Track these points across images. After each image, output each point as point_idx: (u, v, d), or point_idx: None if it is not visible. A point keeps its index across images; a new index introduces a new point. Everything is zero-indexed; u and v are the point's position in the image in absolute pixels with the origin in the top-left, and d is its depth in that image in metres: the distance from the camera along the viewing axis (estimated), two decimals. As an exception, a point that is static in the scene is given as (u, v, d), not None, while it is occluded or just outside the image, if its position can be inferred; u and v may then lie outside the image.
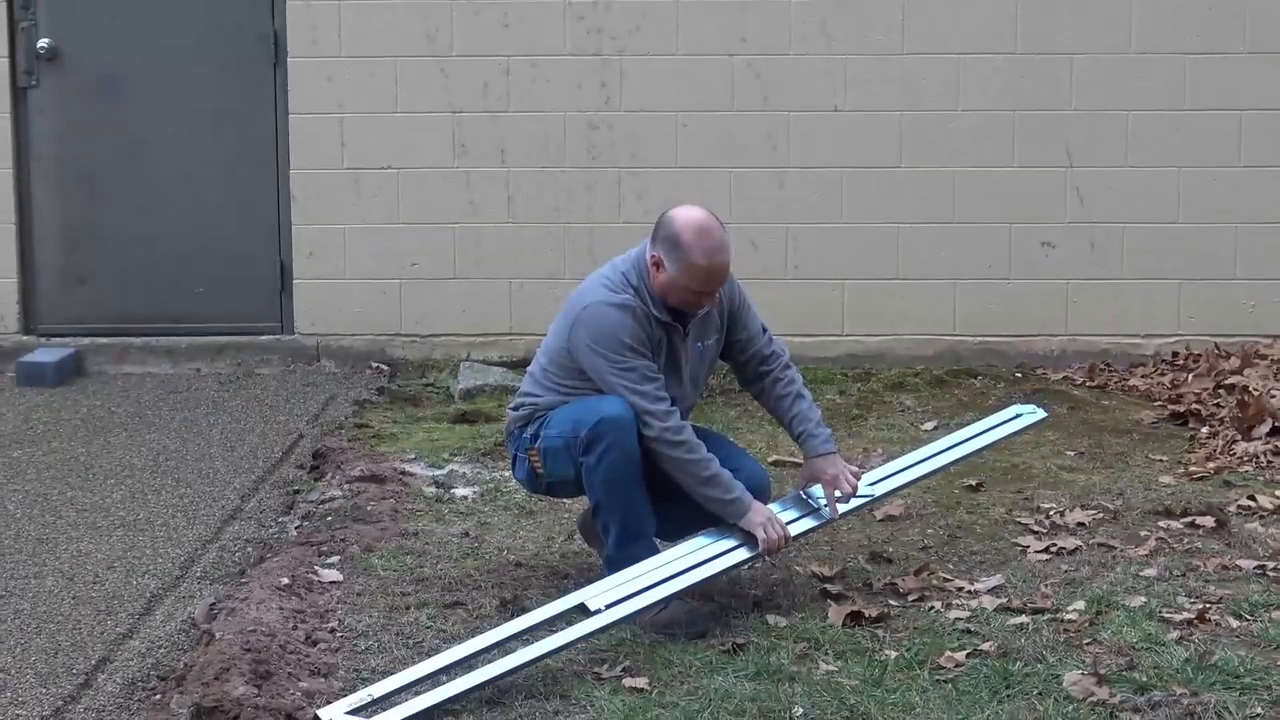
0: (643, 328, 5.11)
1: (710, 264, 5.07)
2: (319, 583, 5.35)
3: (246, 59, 8.48)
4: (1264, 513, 6.07)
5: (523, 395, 5.34)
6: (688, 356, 5.28)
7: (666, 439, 5.05)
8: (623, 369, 5.08)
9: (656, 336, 5.16)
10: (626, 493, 5.10)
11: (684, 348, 5.25)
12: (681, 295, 5.12)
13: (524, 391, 5.34)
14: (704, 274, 5.07)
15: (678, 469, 5.08)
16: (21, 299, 8.54)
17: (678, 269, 5.06)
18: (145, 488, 6.60)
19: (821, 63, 8.22)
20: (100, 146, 8.54)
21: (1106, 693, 4.55)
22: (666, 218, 5.14)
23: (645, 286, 5.15)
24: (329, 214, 8.38)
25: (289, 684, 4.53)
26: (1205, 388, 7.60)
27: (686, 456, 5.07)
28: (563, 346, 5.19)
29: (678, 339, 5.22)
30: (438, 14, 8.30)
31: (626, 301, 5.11)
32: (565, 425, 5.14)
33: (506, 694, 4.57)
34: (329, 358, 8.48)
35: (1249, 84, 8.22)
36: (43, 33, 8.42)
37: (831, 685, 4.63)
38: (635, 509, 5.13)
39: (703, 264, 5.05)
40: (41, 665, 4.87)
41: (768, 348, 5.46)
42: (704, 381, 5.53)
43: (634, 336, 5.09)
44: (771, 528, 5.09)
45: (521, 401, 5.32)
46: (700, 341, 5.30)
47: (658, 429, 5.04)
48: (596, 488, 5.11)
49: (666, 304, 5.14)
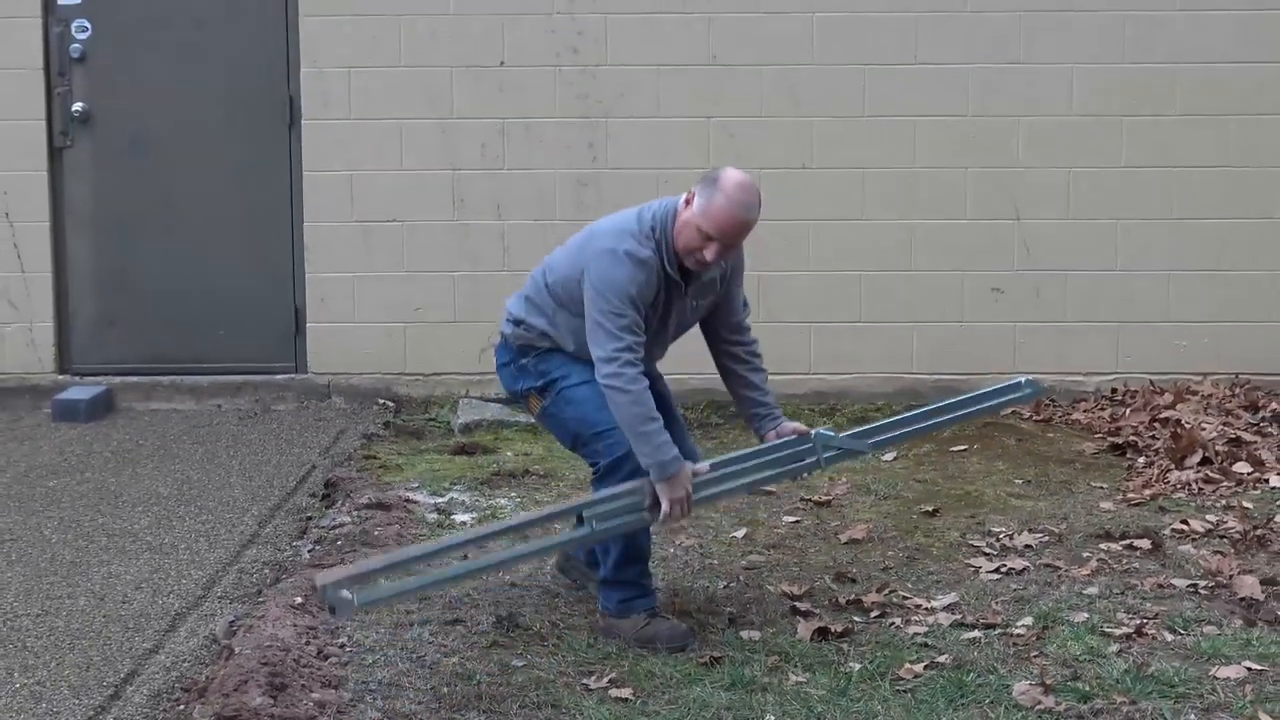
0: (653, 282, 4.97)
1: (734, 213, 4.89)
2: (330, 602, 5.35)
3: (264, 121, 8.50)
4: (1195, 536, 6.08)
5: (523, 314, 5.21)
6: (680, 311, 5.14)
7: (619, 385, 4.89)
8: (613, 313, 4.91)
9: (659, 289, 5.02)
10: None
11: (680, 303, 5.11)
12: (691, 237, 4.92)
13: (523, 312, 5.21)
14: (723, 221, 4.89)
15: (620, 413, 4.93)
16: (57, 341, 8.53)
17: (704, 206, 4.88)
18: (170, 514, 6.59)
19: (790, 125, 8.26)
20: (129, 201, 8.55)
21: (1053, 701, 4.55)
22: (719, 170, 4.98)
23: (667, 239, 4.98)
24: (339, 263, 8.39)
25: (302, 695, 4.52)
26: (1141, 421, 7.62)
27: (632, 407, 4.89)
28: (574, 276, 5.05)
29: (677, 294, 5.08)
30: (439, 80, 8.32)
31: (647, 259, 4.95)
32: (579, 415, 5.09)
33: (502, 703, 4.57)
34: (339, 395, 8.48)
35: (1179, 145, 8.26)
36: (77, 97, 8.43)
37: (800, 695, 4.63)
38: (638, 537, 5.10)
39: (726, 210, 4.88)
40: (74, 678, 4.86)
41: (744, 320, 5.35)
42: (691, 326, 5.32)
43: (640, 292, 4.94)
44: (680, 506, 4.93)
45: (522, 319, 5.20)
46: (697, 301, 5.17)
47: (613, 371, 4.90)
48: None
49: (677, 252, 4.97)
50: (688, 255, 4.97)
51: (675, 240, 4.98)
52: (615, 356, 4.91)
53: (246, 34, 8.47)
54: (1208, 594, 5.44)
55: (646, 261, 4.96)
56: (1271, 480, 6.74)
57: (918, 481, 6.95)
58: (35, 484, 7.03)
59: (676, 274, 5.03)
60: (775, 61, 8.26)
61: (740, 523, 6.31)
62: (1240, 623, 5.16)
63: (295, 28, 8.37)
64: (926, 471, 7.12)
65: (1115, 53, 8.23)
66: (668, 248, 4.99)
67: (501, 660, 4.89)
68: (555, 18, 8.28)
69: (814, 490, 6.76)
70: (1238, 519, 6.24)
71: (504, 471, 7.02)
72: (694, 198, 4.93)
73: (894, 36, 8.25)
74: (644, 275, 4.95)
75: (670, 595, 5.45)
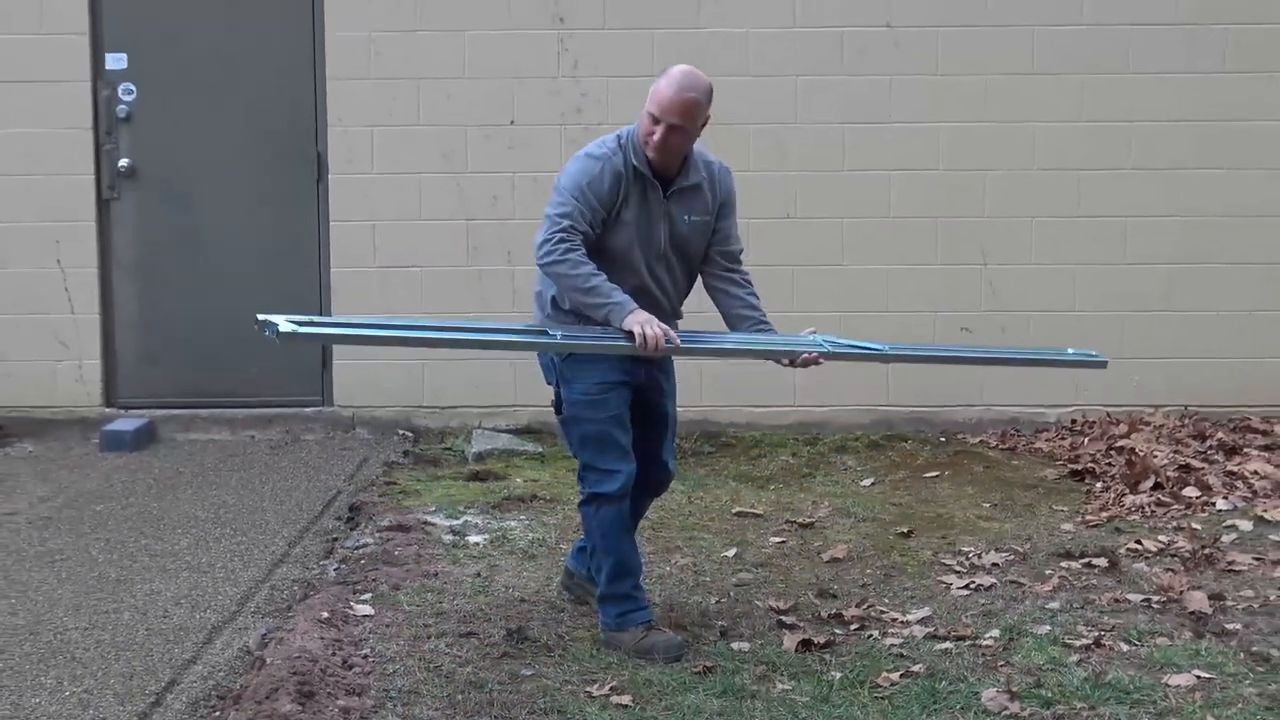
0: (608, 177, 4.91)
1: (674, 93, 4.87)
2: (354, 616, 5.34)
3: (294, 176, 8.51)
4: (1149, 554, 6.08)
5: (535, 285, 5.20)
6: (670, 220, 5.04)
7: (553, 259, 4.84)
8: (557, 203, 4.89)
9: (628, 185, 4.95)
10: (618, 541, 5.10)
11: (664, 207, 5.01)
12: (644, 126, 4.91)
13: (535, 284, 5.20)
14: (665, 100, 4.86)
15: (561, 284, 4.90)
16: (104, 377, 8.53)
17: (650, 94, 4.90)
18: (208, 536, 6.58)
19: (776, 178, 8.26)
20: (170, 249, 8.56)
21: (1018, 707, 4.55)
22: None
23: (633, 142, 4.96)
24: (363, 305, 8.38)
25: (328, 702, 4.52)
26: (1099, 450, 7.62)
27: (567, 272, 4.84)
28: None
29: (654, 195, 4.99)
30: (454, 138, 8.34)
31: (596, 152, 4.95)
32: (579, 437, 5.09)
33: (512, 709, 4.56)
34: (363, 426, 8.47)
35: (1132, 194, 8.28)
36: (123, 154, 8.45)
37: (786, 702, 4.63)
38: (625, 555, 5.11)
39: (666, 90, 4.88)
40: (119, 687, 4.85)
41: (738, 252, 5.26)
42: (695, 258, 5.19)
43: (591, 185, 4.89)
44: (649, 327, 4.81)
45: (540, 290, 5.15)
46: (688, 215, 5.07)
47: (546, 250, 4.86)
48: (593, 533, 5.13)
49: (646, 152, 4.93)
50: (648, 146, 4.94)
51: (639, 139, 4.96)
52: (549, 237, 4.86)
53: (278, 96, 8.49)
54: (1160, 608, 5.44)
55: (599, 156, 4.94)
56: (1218, 503, 6.74)
57: (893, 505, 6.95)
58: (84, 508, 7.03)
59: (647, 170, 4.96)
60: (763, 121, 8.27)
61: (730, 543, 6.31)
62: (1190, 635, 5.16)
63: (323, 90, 8.39)
64: (901, 496, 7.12)
65: (1074, 112, 8.25)
66: (635, 149, 4.96)
67: (512, 670, 4.88)
68: (560, 80, 8.31)
69: (798, 513, 6.76)
70: (1187, 539, 6.23)
71: (514, 496, 7.02)
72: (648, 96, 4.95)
73: (871, 98, 8.27)
74: (596, 167, 4.92)
75: (666, 609, 5.44)
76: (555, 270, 4.88)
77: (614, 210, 4.97)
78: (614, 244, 5.00)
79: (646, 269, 5.05)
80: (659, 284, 5.10)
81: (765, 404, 8.35)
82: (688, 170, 5.07)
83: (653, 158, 4.97)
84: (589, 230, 4.91)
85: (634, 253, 5.02)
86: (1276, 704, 4.58)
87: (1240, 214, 8.30)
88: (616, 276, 4.96)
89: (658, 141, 4.92)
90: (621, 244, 5.01)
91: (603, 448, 5.06)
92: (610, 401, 5.06)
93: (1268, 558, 6.00)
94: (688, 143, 5.02)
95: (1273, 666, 4.88)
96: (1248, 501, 6.77)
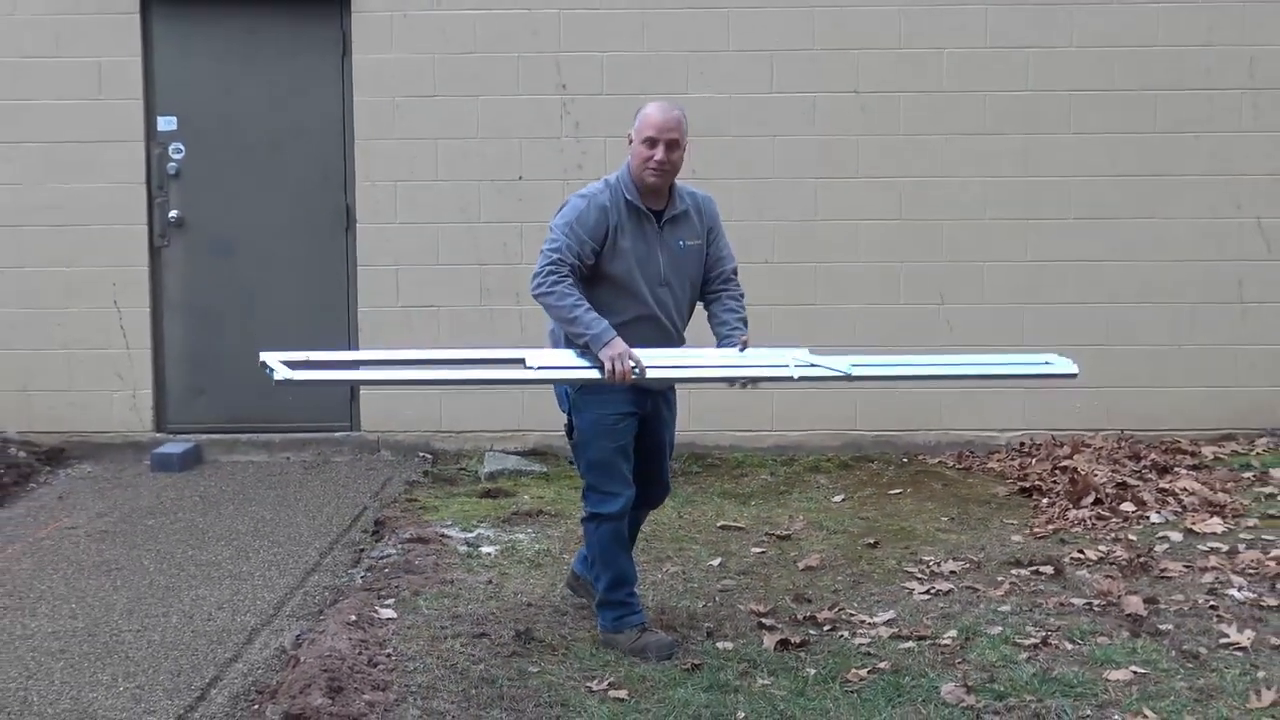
0: (594, 211, 4.87)
1: (659, 116, 4.88)
2: (378, 619, 5.34)
3: (326, 225, 8.53)
4: (1090, 563, 6.08)
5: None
6: (666, 248, 4.99)
7: (543, 291, 4.82)
8: (551, 238, 4.87)
9: (621, 216, 4.91)
10: (616, 555, 5.10)
11: (660, 237, 4.97)
12: (638, 154, 4.89)
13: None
14: (653, 121, 4.86)
15: (550, 313, 4.88)
16: (155, 405, 8.53)
17: (636, 126, 4.89)
18: (247, 548, 6.58)
19: (755, 227, 8.27)
20: (215, 291, 8.57)
21: (974, 699, 4.55)
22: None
23: (623, 178, 4.94)
24: (387, 341, 8.36)
25: (355, 696, 4.51)
26: (1045, 469, 7.62)
27: (555, 303, 4.82)
28: None
29: (649, 226, 4.96)
30: (468, 192, 8.36)
31: (584, 191, 4.95)
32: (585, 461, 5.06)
33: (520, 702, 4.56)
34: (387, 449, 8.47)
35: (1073, 241, 8.30)
36: (172, 206, 8.47)
37: (766, 696, 4.63)
38: (622, 566, 5.12)
39: (653, 114, 4.88)
40: (168, 682, 4.85)
41: (732, 270, 5.20)
42: (694, 283, 5.13)
43: (579, 220, 4.86)
44: (619, 362, 4.74)
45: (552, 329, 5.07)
46: (681, 240, 5.02)
47: (537, 284, 4.84)
48: (594, 547, 5.12)
49: (637, 183, 4.92)
50: (645, 172, 4.90)
51: (632, 174, 4.93)
52: (540, 270, 4.84)
53: (312, 154, 8.51)
54: (1100, 611, 5.44)
55: (586, 194, 4.92)
56: (1152, 517, 6.74)
57: (861, 519, 6.95)
58: (137, 523, 7.03)
59: (639, 200, 4.93)
60: (743, 176, 8.30)
61: (716, 553, 6.31)
62: (1127, 634, 5.17)
63: (351, 149, 8.42)
64: (868, 511, 7.12)
65: (1021, 168, 8.28)
66: (625, 184, 4.94)
67: (520, 667, 4.88)
68: (563, 140, 8.33)
69: (776, 526, 6.76)
70: (1124, 549, 6.24)
71: (521, 512, 7.02)
72: (630, 136, 4.95)
73: (840, 156, 8.30)
74: (583, 204, 4.89)
75: (658, 613, 5.44)
76: (545, 300, 4.86)
77: (606, 240, 4.91)
78: (616, 271, 4.95)
79: (650, 294, 4.99)
80: (662, 308, 5.03)
81: (746, 429, 8.36)
82: (674, 200, 5.04)
83: (654, 181, 4.93)
84: (577, 262, 4.86)
85: (635, 279, 4.96)
86: (1205, 696, 4.58)
87: (1167, 259, 8.32)
88: (622, 304, 4.94)
89: (659, 160, 4.88)
90: (622, 271, 4.95)
91: (608, 473, 5.05)
92: (619, 431, 5.04)
93: (1196, 565, 6.00)
94: (681, 158, 4.99)
95: (1201, 663, 4.88)
96: (1178, 515, 6.77)
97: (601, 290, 4.94)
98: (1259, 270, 8.36)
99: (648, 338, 4.94)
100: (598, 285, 4.94)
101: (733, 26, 8.30)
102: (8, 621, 5.50)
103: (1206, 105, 8.28)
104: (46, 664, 5.04)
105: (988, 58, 8.27)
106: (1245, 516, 6.76)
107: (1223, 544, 6.29)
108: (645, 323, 4.96)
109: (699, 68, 8.30)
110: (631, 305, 4.96)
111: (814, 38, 8.28)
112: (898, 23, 8.27)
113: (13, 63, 8.34)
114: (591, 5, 8.30)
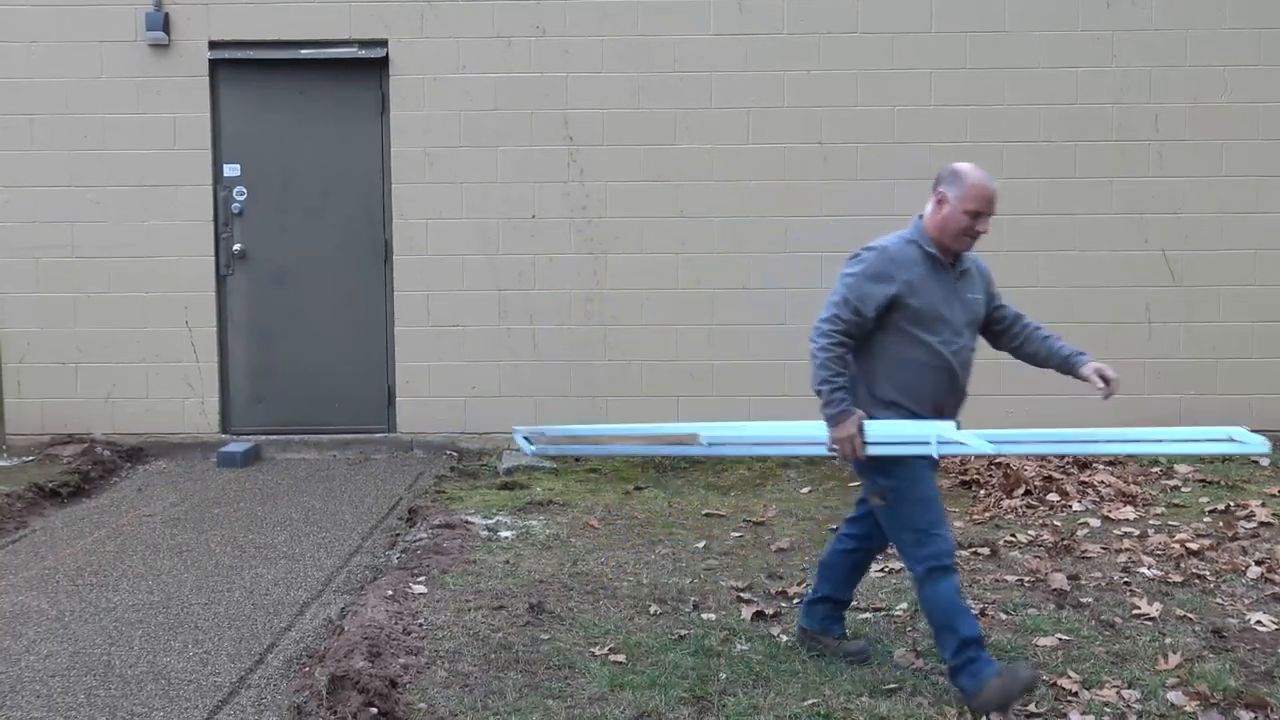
0: (883, 261, 4.20)
1: (986, 187, 4.18)
2: (412, 594, 5.32)
3: (367, 258, 8.52)
4: (1021, 545, 6.07)
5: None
6: (960, 298, 4.26)
7: (815, 348, 4.18)
8: (846, 285, 4.21)
9: (923, 269, 4.20)
10: (962, 611, 4.15)
11: (956, 287, 4.25)
12: (958, 222, 4.18)
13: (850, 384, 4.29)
14: (980, 193, 4.16)
15: (813, 362, 4.20)
16: (221, 410, 8.51)
17: (959, 193, 4.17)
18: (299, 533, 6.55)
19: (735, 258, 8.28)
20: (272, 314, 8.55)
21: (922, 663, 4.54)
22: (948, 168, 4.27)
23: (919, 233, 4.25)
24: (419, 356, 8.38)
25: (391, 660, 4.49)
26: (982, 465, 7.60)
27: (819, 355, 4.17)
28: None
29: (948, 276, 4.24)
30: (489, 228, 8.35)
31: (882, 245, 4.25)
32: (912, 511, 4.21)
33: (533, 665, 4.53)
34: (419, 448, 8.44)
35: (1004, 271, 8.21)
36: (236, 241, 8.46)
37: (744, 659, 4.60)
38: (972, 622, 4.15)
39: (985, 188, 4.17)
40: (231, 648, 4.82)
41: (1012, 311, 4.54)
42: (975, 333, 4.37)
43: (872, 270, 4.19)
44: (844, 445, 4.16)
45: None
46: (971, 293, 4.30)
47: (815, 337, 4.20)
48: (938, 609, 4.16)
49: (941, 242, 4.22)
50: (960, 239, 4.22)
51: (941, 231, 4.23)
52: (819, 326, 4.22)
53: (355, 196, 8.50)
54: (1030, 586, 5.43)
55: (879, 247, 4.25)
56: (1074, 506, 6.74)
57: (826, 508, 6.93)
58: (204, 511, 7.00)
59: (936, 250, 4.24)
60: (724, 214, 8.30)
61: (701, 537, 6.29)
62: (1053, 606, 5.15)
63: (390, 192, 8.40)
64: (832, 500, 7.10)
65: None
66: (923, 237, 4.26)
67: (533, 635, 4.86)
68: (569, 184, 8.32)
69: (753, 514, 6.74)
70: (1050, 533, 6.23)
71: (535, 502, 7.00)
72: (945, 194, 4.23)
73: (806, 198, 8.30)
74: (876, 256, 4.22)
75: (652, 588, 5.42)
76: (813, 353, 4.21)
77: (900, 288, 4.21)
78: (921, 312, 4.22)
79: (946, 344, 4.24)
80: (958, 356, 4.27)
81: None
82: (961, 256, 4.35)
83: (960, 247, 4.25)
84: (853, 319, 4.18)
85: (939, 324, 4.22)
86: (1120, 659, 4.57)
87: (1086, 285, 8.32)
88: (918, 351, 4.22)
89: (979, 232, 4.23)
90: (928, 313, 4.22)
91: (930, 510, 4.19)
92: (929, 477, 4.26)
93: (1112, 547, 5.99)
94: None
95: (1117, 631, 4.86)
96: (1097, 504, 6.76)
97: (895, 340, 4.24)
98: (1163, 295, 8.36)
99: (939, 387, 4.26)
100: (892, 334, 4.24)
101: (715, 89, 8.30)
102: (94, 596, 5.47)
103: (1119, 155, 8.29)
104: (126, 632, 5.01)
105: (931, 114, 8.27)
106: (1154, 505, 6.76)
107: (1135, 529, 6.29)
108: (938, 375, 4.25)
109: (686, 123, 8.29)
110: (928, 356, 4.22)
111: (784, 98, 8.28)
112: (854, 85, 8.27)
113: (101, 118, 8.34)
114: (594, 70, 8.29)
